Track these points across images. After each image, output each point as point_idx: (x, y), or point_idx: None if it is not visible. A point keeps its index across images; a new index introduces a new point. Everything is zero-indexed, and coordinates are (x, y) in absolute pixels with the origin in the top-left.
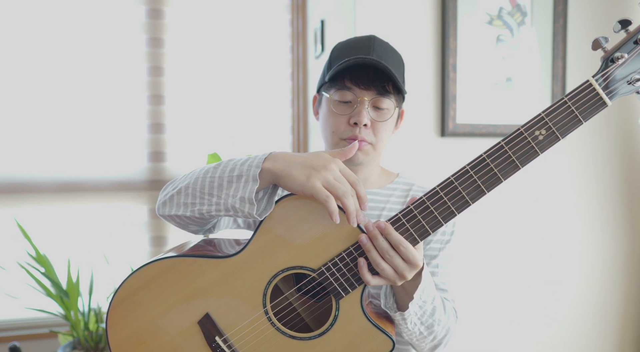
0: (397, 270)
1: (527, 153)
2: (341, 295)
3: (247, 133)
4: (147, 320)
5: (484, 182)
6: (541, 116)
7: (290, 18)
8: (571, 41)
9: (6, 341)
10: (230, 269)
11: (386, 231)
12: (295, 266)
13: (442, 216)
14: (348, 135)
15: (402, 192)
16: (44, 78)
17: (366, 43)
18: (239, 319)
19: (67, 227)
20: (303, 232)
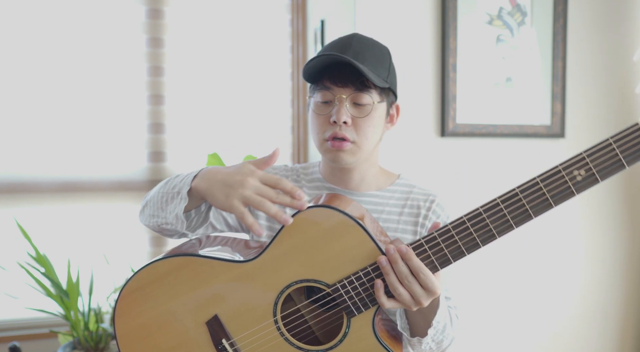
0: (414, 296)
1: (562, 193)
2: (354, 313)
3: (247, 133)
4: (155, 314)
5: (514, 217)
6: (582, 156)
7: (290, 18)
8: (571, 41)
9: (6, 341)
10: (243, 274)
11: (407, 256)
12: (310, 279)
13: (465, 247)
14: (329, 134)
15: (402, 194)
16: (44, 78)
17: (345, 41)
18: (247, 324)
19: (67, 227)
20: (322, 245)
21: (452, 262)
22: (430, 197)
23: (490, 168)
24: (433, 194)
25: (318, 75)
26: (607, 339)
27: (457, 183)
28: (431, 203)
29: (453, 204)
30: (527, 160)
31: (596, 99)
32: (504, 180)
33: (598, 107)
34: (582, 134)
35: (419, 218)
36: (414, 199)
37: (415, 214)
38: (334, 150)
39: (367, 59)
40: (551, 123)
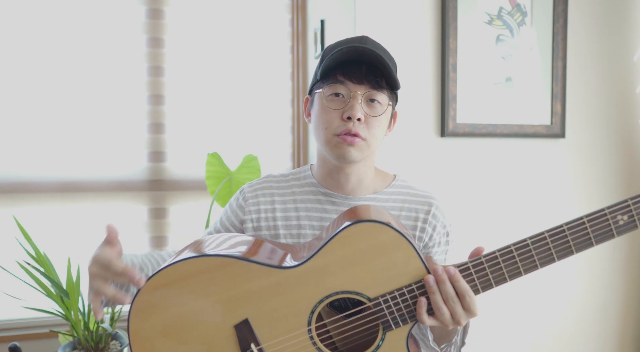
0: (454, 316)
1: (604, 234)
2: (391, 327)
3: (247, 133)
4: (177, 312)
5: (557, 252)
6: (628, 203)
7: (290, 18)
8: (571, 41)
9: (6, 341)
10: (283, 281)
11: (455, 278)
12: (352, 291)
13: (509, 274)
14: (341, 130)
15: (399, 196)
16: (44, 78)
17: (359, 40)
18: (279, 331)
19: (67, 227)
20: (369, 259)
21: (494, 286)
22: (428, 200)
23: (490, 168)
24: (431, 197)
25: (331, 69)
26: (607, 339)
27: (457, 183)
28: (430, 207)
29: (453, 204)
30: (527, 160)
31: (596, 99)
32: (504, 180)
33: (598, 107)
34: (582, 134)
35: (417, 222)
36: (412, 202)
37: (414, 218)
38: (345, 145)
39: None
40: (551, 123)
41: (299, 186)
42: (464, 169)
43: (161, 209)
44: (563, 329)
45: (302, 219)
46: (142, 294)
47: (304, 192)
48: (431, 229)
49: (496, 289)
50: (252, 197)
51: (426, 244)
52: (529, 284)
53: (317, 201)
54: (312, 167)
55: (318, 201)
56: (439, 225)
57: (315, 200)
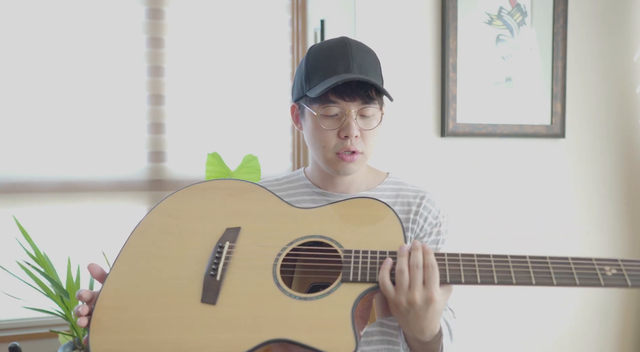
0: (412, 284)
1: (590, 277)
2: (349, 278)
3: (247, 133)
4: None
5: (536, 277)
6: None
7: (290, 18)
8: (571, 41)
9: (6, 341)
10: (285, 213)
11: (427, 251)
12: (333, 239)
13: (481, 278)
14: (340, 148)
15: (392, 192)
16: (44, 78)
17: (342, 50)
18: (255, 241)
19: (67, 227)
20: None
21: (462, 282)
22: (420, 193)
23: (490, 168)
24: (423, 190)
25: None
26: (607, 338)
27: (457, 183)
28: (421, 199)
29: (453, 204)
30: (527, 160)
31: (596, 99)
32: (504, 180)
33: (598, 107)
34: (582, 134)
35: (409, 215)
36: (404, 196)
37: (406, 211)
38: (344, 163)
39: (369, 70)
40: (551, 123)
41: (294, 188)
42: (464, 169)
43: None
44: (563, 331)
45: None
46: (187, 189)
47: (299, 193)
48: (422, 220)
49: (493, 289)
50: None
51: (417, 235)
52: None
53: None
54: (305, 171)
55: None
56: (430, 216)
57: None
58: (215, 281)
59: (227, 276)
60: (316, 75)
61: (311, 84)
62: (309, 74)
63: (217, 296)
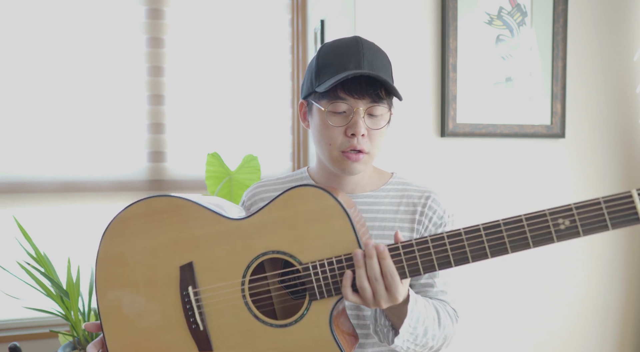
0: (376, 295)
1: (543, 236)
2: (316, 297)
3: (247, 133)
4: (137, 246)
5: (491, 248)
6: (570, 207)
7: (290, 18)
8: (571, 41)
9: (6, 341)
10: (229, 231)
11: (382, 255)
12: (287, 253)
13: (438, 263)
14: (346, 146)
15: (397, 192)
16: (44, 78)
17: (354, 49)
18: (216, 279)
19: (67, 227)
20: (307, 223)
21: (422, 273)
22: (425, 193)
23: (490, 168)
24: (428, 190)
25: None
26: (607, 339)
27: (457, 183)
28: (426, 199)
29: (453, 204)
30: (527, 160)
31: (596, 99)
32: (504, 180)
33: (598, 107)
34: (582, 134)
35: (415, 215)
36: (409, 197)
37: (412, 212)
38: (349, 162)
39: (380, 69)
40: (551, 123)
41: None
42: (464, 169)
43: None
44: (563, 329)
45: None
46: (112, 225)
47: None
48: (427, 220)
49: (492, 287)
50: (251, 204)
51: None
52: (529, 284)
53: None
54: (309, 170)
55: None
56: (435, 216)
57: None
58: (201, 331)
59: (209, 324)
60: (327, 72)
61: (321, 80)
62: (320, 71)
63: (210, 342)
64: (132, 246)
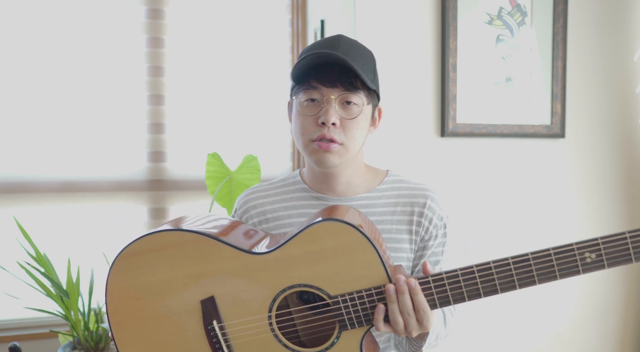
0: (407, 327)
1: (569, 269)
2: (347, 327)
3: (247, 133)
4: (150, 280)
5: (519, 279)
6: (598, 242)
7: (290, 18)
8: (571, 41)
9: (6, 341)
10: (251, 265)
11: (414, 291)
12: (314, 286)
13: (468, 294)
14: (316, 135)
15: (393, 191)
16: (44, 78)
17: (332, 41)
18: (241, 312)
19: (67, 227)
20: (334, 257)
21: (452, 304)
22: (423, 192)
23: (490, 168)
24: (425, 188)
25: (304, 75)
26: (607, 338)
27: (457, 183)
28: (425, 199)
29: (453, 204)
30: (527, 160)
31: (596, 99)
32: (504, 180)
33: (598, 107)
34: (582, 134)
35: (413, 216)
36: (406, 196)
37: (409, 212)
38: (320, 151)
39: (356, 60)
40: (551, 123)
41: (289, 193)
42: (464, 169)
43: (161, 209)
44: (563, 329)
45: (295, 225)
46: (121, 258)
47: (295, 198)
48: (427, 222)
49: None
50: (243, 212)
51: (422, 238)
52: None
53: (309, 205)
54: (301, 173)
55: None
56: (435, 217)
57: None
58: None
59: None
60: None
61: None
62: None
63: None
64: (146, 280)
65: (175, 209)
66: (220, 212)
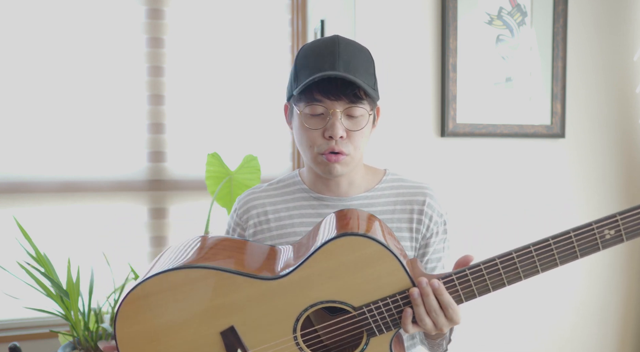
0: (437, 325)
1: (590, 247)
2: (375, 334)
3: (247, 133)
4: (163, 321)
5: (542, 264)
6: (616, 218)
7: (290, 18)
8: (571, 41)
9: (6, 341)
10: (268, 291)
11: (439, 291)
12: (336, 300)
13: (493, 285)
14: (325, 149)
15: (392, 190)
16: (44, 78)
17: (330, 49)
18: (265, 338)
19: (67, 227)
20: (353, 271)
21: (477, 296)
22: (422, 190)
23: (490, 168)
24: (424, 187)
25: (307, 87)
26: (607, 338)
27: (457, 183)
28: (424, 197)
29: (453, 204)
30: (527, 160)
31: (596, 99)
32: (504, 180)
33: (598, 107)
34: (582, 134)
35: (413, 214)
36: (405, 195)
37: (409, 210)
38: (329, 163)
39: (358, 69)
40: (551, 123)
41: (290, 193)
42: (464, 169)
43: (161, 209)
44: (563, 329)
45: (296, 225)
46: (127, 303)
47: (296, 199)
48: (427, 219)
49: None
50: (244, 212)
51: (424, 236)
52: (529, 284)
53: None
54: (301, 173)
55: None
56: (435, 214)
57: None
58: None
59: None
60: (303, 74)
61: (298, 83)
62: (297, 73)
63: None
64: (158, 322)
65: (175, 209)
66: (219, 212)
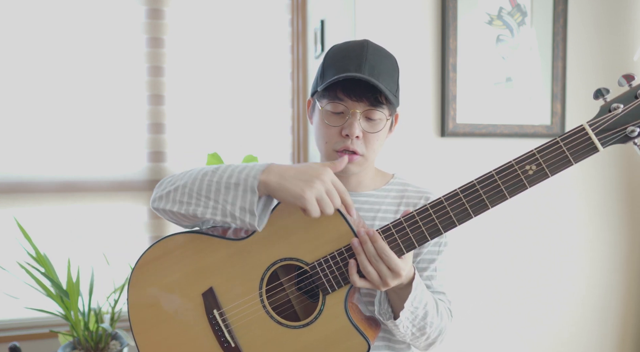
0: (381, 275)
1: (515, 185)
2: (328, 291)
3: (247, 133)
4: (160, 285)
5: (472, 207)
6: (533, 152)
7: (290, 18)
8: (571, 41)
9: (6, 341)
10: (238, 251)
11: (373, 238)
12: (293, 258)
13: (429, 232)
14: (340, 146)
15: (397, 192)
16: (44, 78)
17: (359, 51)
18: (236, 297)
19: (67, 227)
20: (305, 227)
21: (417, 246)
22: (425, 194)
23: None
24: (427, 191)
25: (331, 85)
26: (607, 339)
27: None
28: (426, 200)
29: None
30: None
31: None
32: None
33: (598, 107)
34: None
35: None
36: (409, 197)
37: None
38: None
39: (382, 74)
40: (551, 123)
41: None
42: (464, 169)
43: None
44: (563, 329)
45: None
46: (135, 271)
47: None
48: None
49: (493, 287)
50: None
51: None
52: (529, 284)
53: None
54: None
55: None
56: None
57: None
58: (233, 347)
59: (239, 339)
60: (329, 72)
61: (324, 80)
62: (324, 71)
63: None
64: (156, 287)
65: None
66: None
